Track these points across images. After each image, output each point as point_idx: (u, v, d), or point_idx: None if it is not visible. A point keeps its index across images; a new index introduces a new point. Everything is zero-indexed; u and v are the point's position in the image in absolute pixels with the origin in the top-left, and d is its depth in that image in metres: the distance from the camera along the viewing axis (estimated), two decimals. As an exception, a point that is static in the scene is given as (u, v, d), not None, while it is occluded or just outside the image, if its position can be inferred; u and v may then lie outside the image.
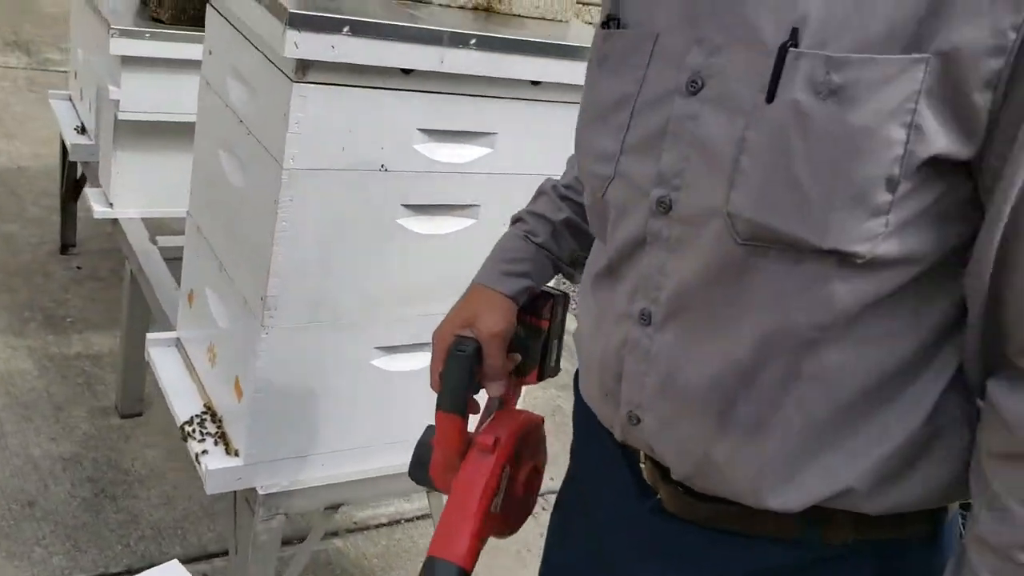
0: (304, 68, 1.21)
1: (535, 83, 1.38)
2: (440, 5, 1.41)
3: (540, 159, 1.43)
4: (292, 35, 1.16)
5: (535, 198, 1.02)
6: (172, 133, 2.06)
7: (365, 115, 1.28)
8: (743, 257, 0.70)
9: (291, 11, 1.16)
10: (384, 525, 2.13)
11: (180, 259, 1.72)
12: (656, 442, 0.79)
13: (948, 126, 0.64)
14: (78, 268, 2.85)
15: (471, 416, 0.92)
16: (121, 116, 2.02)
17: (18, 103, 3.90)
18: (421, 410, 1.14)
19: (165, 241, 2.12)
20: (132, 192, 2.15)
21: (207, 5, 1.50)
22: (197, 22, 1.93)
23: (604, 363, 0.82)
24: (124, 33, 1.93)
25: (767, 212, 0.67)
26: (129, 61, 1.97)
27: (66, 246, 2.91)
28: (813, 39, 0.65)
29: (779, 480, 0.74)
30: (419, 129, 1.33)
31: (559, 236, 0.98)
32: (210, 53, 1.51)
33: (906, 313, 0.70)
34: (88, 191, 2.24)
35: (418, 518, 2.17)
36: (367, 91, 1.27)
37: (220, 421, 1.52)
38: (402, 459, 1.01)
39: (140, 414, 2.28)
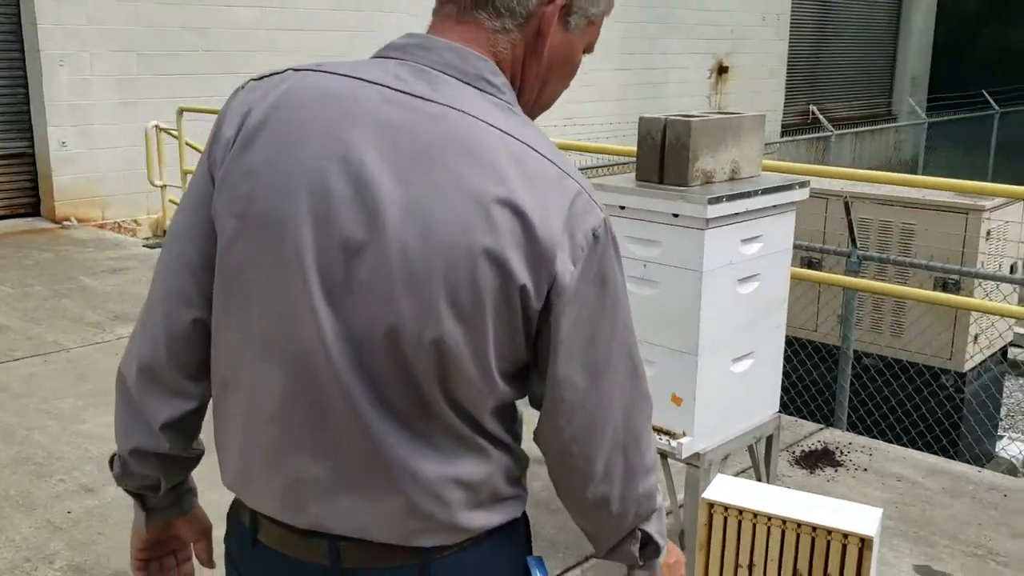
0: (707, 222, 2.56)
1: (776, 206, 2.79)
2: (720, 182, 2.79)
3: (784, 240, 2.84)
4: (710, 208, 2.52)
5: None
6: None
7: (724, 241, 2.64)
8: None
9: (709, 197, 2.52)
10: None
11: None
12: None
13: None
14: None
15: None
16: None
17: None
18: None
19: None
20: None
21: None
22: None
23: None
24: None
25: None
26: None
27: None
28: None
29: None
30: (741, 240, 2.70)
31: None
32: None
33: None
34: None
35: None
36: (719, 229, 2.63)
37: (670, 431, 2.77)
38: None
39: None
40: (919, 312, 5.37)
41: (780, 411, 3.16)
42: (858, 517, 2.30)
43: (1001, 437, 6.47)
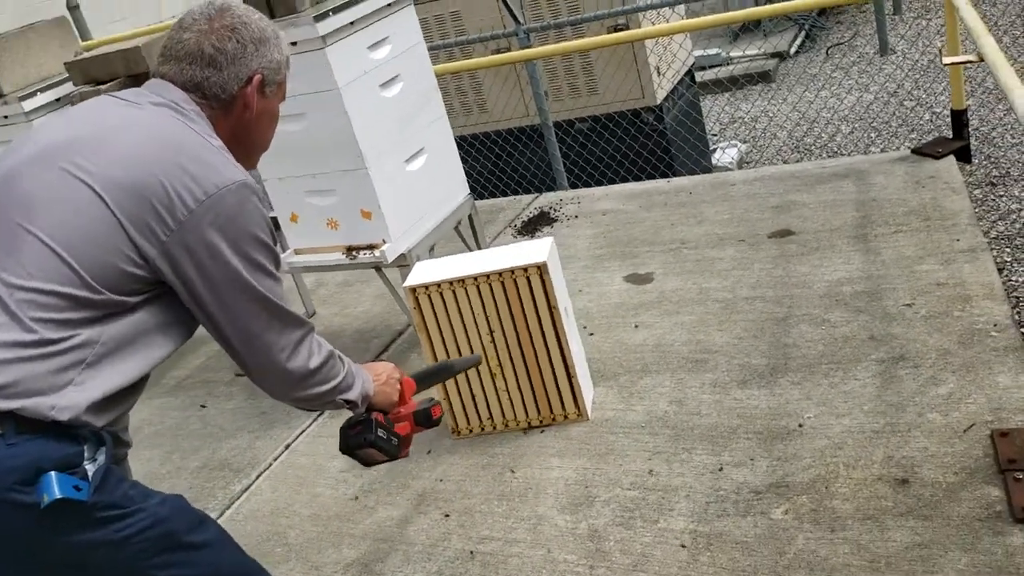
0: (324, 40, 2.65)
1: (390, 4, 2.90)
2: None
3: (413, 35, 2.98)
4: (320, 25, 2.61)
5: None
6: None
7: (350, 52, 2.75)
8: None
9: (314, 15, 2.60)
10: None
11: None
12: None
13: None
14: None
15: None
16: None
17: None
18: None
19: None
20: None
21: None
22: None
23: None
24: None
25: None
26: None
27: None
28: None
29: None
30: (368, 47, 2.82)
31: None
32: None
33: None
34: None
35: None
36: (340, 43, 2.73)
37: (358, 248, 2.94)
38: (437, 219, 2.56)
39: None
40: (605, 66, 5.73)
41: (471, 194, 3.39)
42: (532, 252, 2.59)
43: (714, 150, 7.12)
